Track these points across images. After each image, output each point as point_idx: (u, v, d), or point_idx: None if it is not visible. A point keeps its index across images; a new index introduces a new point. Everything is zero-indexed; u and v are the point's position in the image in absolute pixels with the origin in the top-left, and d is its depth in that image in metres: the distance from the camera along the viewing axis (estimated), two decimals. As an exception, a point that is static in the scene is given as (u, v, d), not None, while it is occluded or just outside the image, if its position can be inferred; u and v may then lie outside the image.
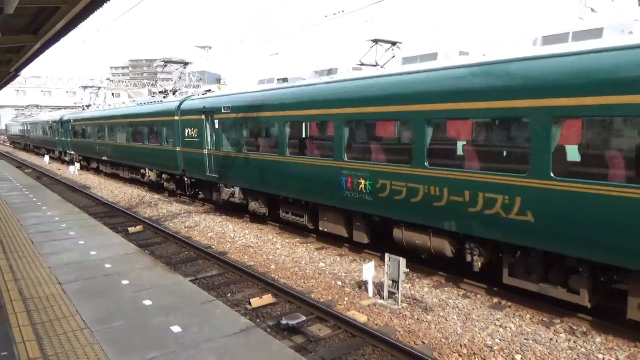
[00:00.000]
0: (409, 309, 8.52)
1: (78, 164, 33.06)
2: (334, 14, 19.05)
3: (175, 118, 18.39)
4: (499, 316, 8.13)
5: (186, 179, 19.17)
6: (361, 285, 9.61)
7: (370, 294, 9.18)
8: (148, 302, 7.03)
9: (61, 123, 37.12)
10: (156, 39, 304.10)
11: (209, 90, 18.80)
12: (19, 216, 13.54)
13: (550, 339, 7.28)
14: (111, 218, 17.09)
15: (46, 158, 41.31)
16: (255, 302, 8.93)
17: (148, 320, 6.41)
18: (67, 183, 26.39)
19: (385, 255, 8.91)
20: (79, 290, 7.53)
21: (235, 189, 15.44)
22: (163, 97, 22.13)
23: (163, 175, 21.24)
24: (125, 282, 7.94)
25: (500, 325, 7.78)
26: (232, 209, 16.88)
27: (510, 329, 7.65)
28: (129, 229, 14.93)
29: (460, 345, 7.20)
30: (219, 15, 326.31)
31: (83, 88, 42.98)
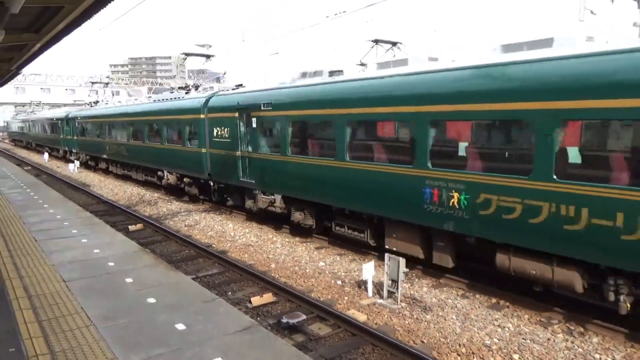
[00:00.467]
0: (408, 309, 8.62)
1: (78, 162, 33.06)
2: (335, 14, 19.14)
3: (201, 116, 16.67)
4: (497, 316, 8.24)
5: (212, 184, 17.35)
6: (361, 284, 9.71)
7: (370, 293, 9.28)
8: (152, 300, 7.12)
9: (66, 120, 35.46)
10: (156, 37, 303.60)
11: (240, 85, 17.00)
12: (21, 214, 13.62)
13: (548, 339, 7.39)
14: (111, 216, 17.16)
15: (45, 156, 41.30)
16: (256, 301, 9.03)
17: (153, 318, 6.51)
18: (67, 181, 26.45)
19: (385, 255, 9.01)
20: (84, 288, 7.62)
21: (276, 197, 13.61)
22: (185, 93, 20.21)
23: (184, 179, 19.29)
24: (129, 280, 8.03)
25: (498, 325, 7.89)
26: (268, 219, 15.24)
27: (509, 329, 7.76)
28: (129, 227, 15.02)
29: (459, 344, 7.31)
30: (219, 15, 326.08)
31: (91, 84, 41.51)
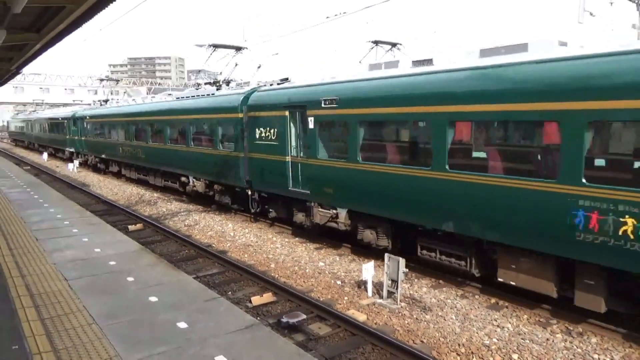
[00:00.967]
0: (408, 309, 8.67)
1: (77, 162, 33.04)
2: (336, 15, 19.19)
3: (239, 115, 14.78)
4: (496, 316, 8.29)
5: (251, 193, 15.16)
6: (361, 284, 9.75)
7: (369, 293, 9.32)
8: (154, 299, 7.16)
9: (73, 120, 33.37)
10: (155, 38, 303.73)
11: (286, 79, 14.58)
12: (21, 213, 13.64)
13: (547, 339, 7.44)
14: (111, 216, 17.18)
15: (45, 155, 41.29)
16: (256, 301, 9.07)
17: (154, 316, 6.55)
18: (67, 180, 26.47)
19: (385, 255, 9.05)
20: (85, 287, 7.66)
21: (339, 212, 11.67)
22: (216, 89, 17.98)
23: (215, 186, 17.20)
24: (131, 279, 8.07)
25: (497, 325, 7.94)
26: (323, 234, 13.17)
27: (508, 329, 7.81)
28: (129, 227, 15.04)
29: (459, 344, 7.36)
30: (219, 15, 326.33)
31: (100, 81, 39.76)
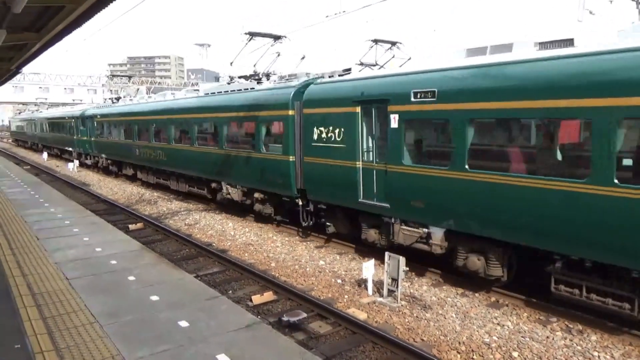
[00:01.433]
0: (408, 307, 8.69)
1: (77, 161, 33.03)
2: (335, 14, 19.18)
3: (289, 113, 12.86)
4: (496, 314, 8.31)
5: (301, 203, 13.14)
6: (361, 283, 9.78)
7: (370, 292, 9.34)
8: (155, 298, 7.18)
9: (82, 119, 31.18)
10: (155, 37, 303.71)
11: (348, 70, 12.67)
12: (22, 213, 13.66)
13: (547, 337, 7.47)
14: (111, 215, 17.19)
15: (44, 155, 41.31)
16: (257, 299, 9.09)
17: (156, 315, 6.57)
18: (67, 180, 26.49)
19: (385, 253, 9.08)
20: (87, 286, 7.68)
21: (434, 231, 9.64)
22: (257, 83, 15.51)
23: (255, 195, 14.83)
24: (132, 278, 8.10)
25: (498, 324, 7.96)
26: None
27: (508, 327, 7.83)
28: (129, 226, 15.06)
29: (459, 342, 7.38)
30: (218, 14, 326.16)
31: (111, 77, 37.13)
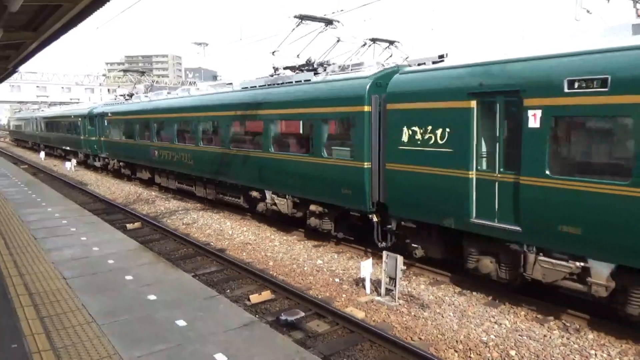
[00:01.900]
0: (406, 306, 8.70)
1: (74, 160, 32.98)
2: (333, 12, 19.17)
3: (364, 109, 10.57)
4: (494, 313, 8.33)
5: (376, 219, 10.91)
6: (359, 282, 9.78)
7: (367, 291, 9.35)
8: (153, 297, 7.17)
9: (89, 118, 29.25)
10: (152, 35, 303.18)
11: (442, 57, 10.07)
12: (19, 212, 13.62)
13: (544, 336, 7.49)
14: (109, 215, 17.16)
15: (42, 154, 41.22)
16: (255, 298, 9.10)
17: (153, 314, 6.56)
18: (64, 179, 26.44)
19: (383, 252, 9.09)
20: (84, 286, 7.66)
21: (595, 267, 7.27)
22: (313, 75, 12.94)
23: (312, 207, 12.39)
24: (129, 278, 8.08)
25: (495, 322, 7.98)
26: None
27: (505, 326, 7.85)
28: (127, 225, 15.04)
29: (457, 341, 7.39)
30: (216, 13, 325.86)
31: (123, 72, 32.41)
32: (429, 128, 9.25)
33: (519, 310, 8.44)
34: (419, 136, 9.45)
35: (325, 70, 13.12)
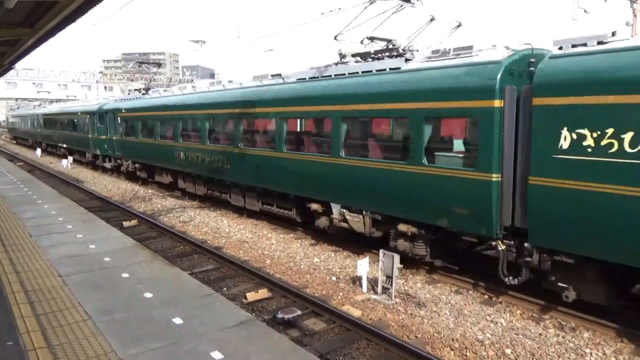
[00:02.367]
0: (402, 304, 8.72)
1: (71, 158, 32.86)
2: (331, 11, 19.15)
3: (494, 104, 8.08)
4: (490, 312, 8.35)
5: (501, 247, 8.49)
6: (355, 280, 9.79)
7: (364, 289, 9.36)
8: (149, 295, 7.17)
9: (99, 115, 26.76)
10: (149, 33, 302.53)
11: (602, 40, 7.47)
12: (15, 209, 13.58)
13: (540, 334, 7.51)
14: (106, 212, 17.11)
15: (38, 151, 41.09)
16: (251, 297, 9.09)
17: (150, 312, 6.56)
18: (61, 177, 26.35)
19: (380, 251, 9.09)
20: (80, 283, 7.65)
21: None
22: (404, 61, 10.25)
23: (400, 227, 9.94)
24: (125, 276, 8.07)
25: (491, 321, 8.00)
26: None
27: (501, 324, 7.87)
28: (123, 223, 15.01)
29: (453, 339, 7.41)
30: (213, 11, 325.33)
31: (138, 64, 28.98)
32: (610, 131, 6.84)
33: (515, 309, 8.47)
34: (590, 142, 7.04)
35: (413, 56, 10.45)
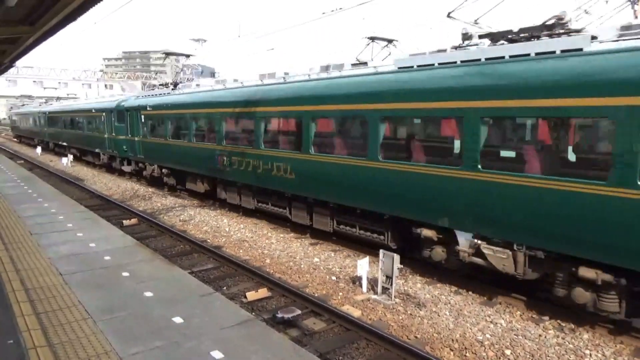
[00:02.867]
0: (402, 305, 8.72)
1: (71, 156, 32.85)
2: (332, 10, 19.13)
3: None
4: (489, 312, 8.35)
5: None
6: (355, 280, 9.80)
7: (364, 289, 9.37)
8: (149, 294, 7.17)
9: (117, 112, 24.26)
10: (150, 31, 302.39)
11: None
12: (16, 208, 13.58)
13: (540, 335, 7.52)
14: (106, 211, 17.11)
15: (38, 149, 41.07)
16: (251, 296, 9.10)
17: (150, 311, 6.56)
18: (61, 175, 26.33)
19: (380, 251, 9.10)
20: (81, 282, 7.65)
21: None
22: (590, 40, 7.27)
23: (583, 272, 7.28)
24: (126, 274, 8.07)
25: (491, 322, 8.01)
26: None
27: (501, 325, 7.88)
28: (123, 221, 15.00)
29: (452, 340, 7.42)
30: (214, 10, 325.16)
31: (165, 55, 24.29)
32: None
33: (515, 310, 8.47)
34: None
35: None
